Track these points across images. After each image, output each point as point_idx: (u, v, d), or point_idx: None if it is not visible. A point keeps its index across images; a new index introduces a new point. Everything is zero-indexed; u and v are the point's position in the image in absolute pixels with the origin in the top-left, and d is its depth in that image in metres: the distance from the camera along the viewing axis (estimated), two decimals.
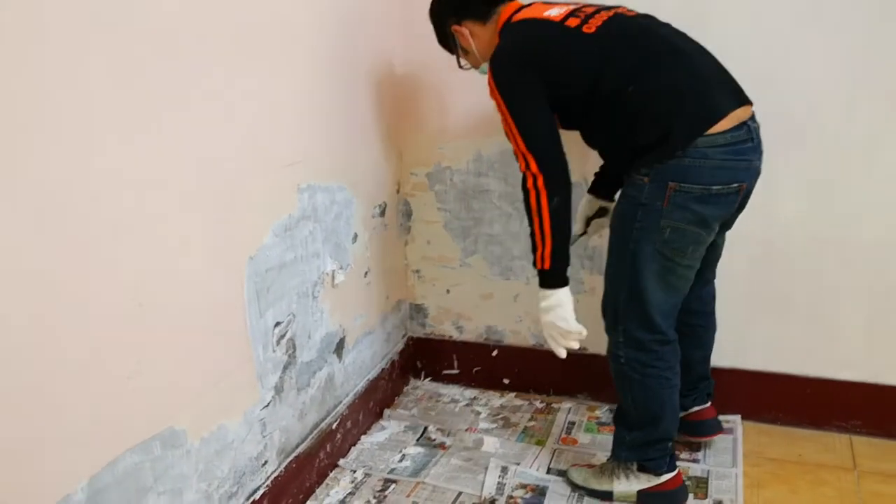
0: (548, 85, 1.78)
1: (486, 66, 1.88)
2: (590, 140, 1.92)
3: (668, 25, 1.83)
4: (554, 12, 1.83)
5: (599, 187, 2.16)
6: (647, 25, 1.81)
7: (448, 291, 2.61)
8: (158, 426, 1.48)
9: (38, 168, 1.18)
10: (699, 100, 1.71)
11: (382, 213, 2.42)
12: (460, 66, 2.04)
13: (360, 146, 2.25)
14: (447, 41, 2.02)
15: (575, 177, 1.87)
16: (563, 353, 1.89)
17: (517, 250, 2.48)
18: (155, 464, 1.47)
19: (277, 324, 1.86)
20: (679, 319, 1.95)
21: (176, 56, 1.45)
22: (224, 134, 1.61)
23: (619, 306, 1.85)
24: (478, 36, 1.94)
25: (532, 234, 1.84)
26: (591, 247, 2.38)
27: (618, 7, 1.85)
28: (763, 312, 2.26)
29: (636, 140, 1.75)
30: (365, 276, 2.32)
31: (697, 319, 2.08)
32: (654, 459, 1.93)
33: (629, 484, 1.96)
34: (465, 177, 2.48)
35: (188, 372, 1.56)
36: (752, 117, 1.76)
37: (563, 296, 1.85)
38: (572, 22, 1.79)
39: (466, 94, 2.36)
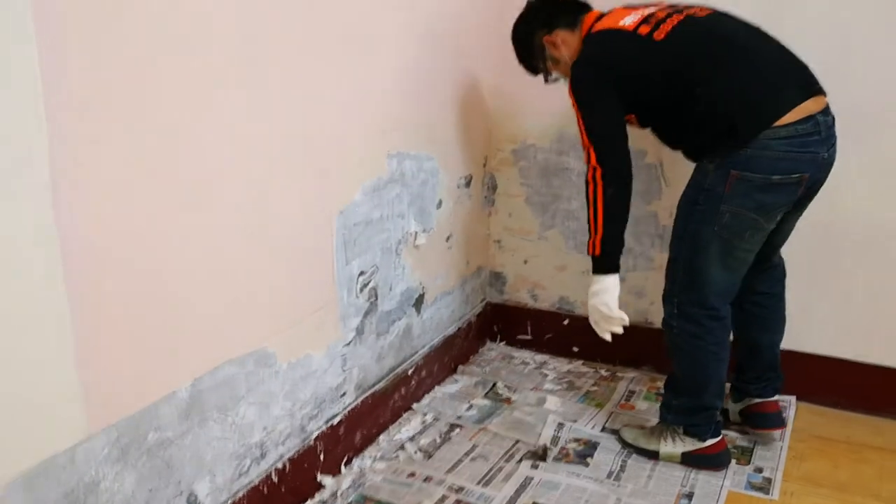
0: (624, 93, 1.92)
1: None
2: (665, 138, 2.05)
3: (738, 21, 1.92)
4: (628, 21, 1.94)
5: None
6: (714, 26, 1.91)
7: (526, 262, 2.79)
8: (253, 346, 1.74)
9: (165, 115, 1.44)
10: (763, 96, 1.82)
11: (468, 185, 2.62)
12: (547, 81, 2.17)
13: (450, 121, 2.46)
14: (533, 57, 2.14)
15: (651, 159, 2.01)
16: (607, 337, 2.05)
17: None
18: (248, 377, 1.73)
19: (361, 273, 2.09)
20: (746, 300, 2.09)
21: (291, 38, 1.70)
22: (325, 102, 1.85)
23: (676, 280, 2.00)
24: (567, 43, 2.07)
25: (588, 222, 2.00)
26: (662, 226, 2.51)
27: (689, 7, 1.95)
28: (825, 296, 2.33)
29: (705, 138, 1.89)
30: (447, 241, 2.53)
31: (764, 300, 2.14)
32: (698, 426, 2.07)
33: (675, 446, 2.10)
34: (547, 155, 2.65)
35: (281, 304, 1.81)
36: (824, 110, 1.84)
37: (609, 282, 2.00)
38: (644, 30, 1.90)
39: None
